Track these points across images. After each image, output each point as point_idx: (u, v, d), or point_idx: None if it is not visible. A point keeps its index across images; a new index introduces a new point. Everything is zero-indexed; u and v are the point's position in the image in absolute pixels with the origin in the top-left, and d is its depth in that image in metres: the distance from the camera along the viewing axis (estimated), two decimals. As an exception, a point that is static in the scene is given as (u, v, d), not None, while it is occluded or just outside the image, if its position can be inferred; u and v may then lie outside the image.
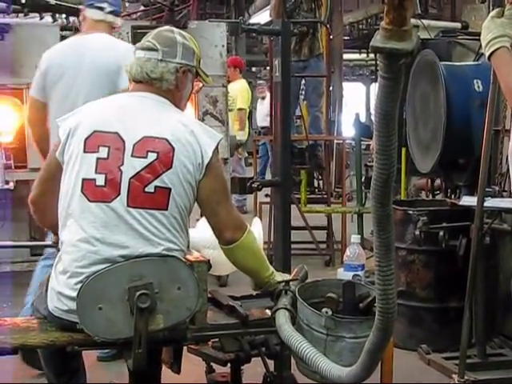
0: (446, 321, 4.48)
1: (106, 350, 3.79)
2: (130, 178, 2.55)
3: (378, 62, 1.64)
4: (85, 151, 2.60)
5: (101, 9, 4.06)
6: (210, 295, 2.96)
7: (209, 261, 2.78)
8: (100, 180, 2.56)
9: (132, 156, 2.57)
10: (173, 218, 2.59)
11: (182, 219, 2.64)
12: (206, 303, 2.73)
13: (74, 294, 2.52)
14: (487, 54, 2.65)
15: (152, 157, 2.57)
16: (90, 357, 2.86)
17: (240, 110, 8.87)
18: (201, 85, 3.02)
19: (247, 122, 9.69)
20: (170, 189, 2.57)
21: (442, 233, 4.34)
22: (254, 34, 14.97)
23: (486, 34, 2.59)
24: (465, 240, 4.19)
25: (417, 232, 4.41)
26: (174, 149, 2.59)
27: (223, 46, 5.99)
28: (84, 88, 3.86)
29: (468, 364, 3.95)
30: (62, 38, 6.45)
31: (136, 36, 5.40)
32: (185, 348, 3.04)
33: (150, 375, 2.81)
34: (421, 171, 5.59)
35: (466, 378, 3.71)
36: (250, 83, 10.36)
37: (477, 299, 4.06)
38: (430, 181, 6.71)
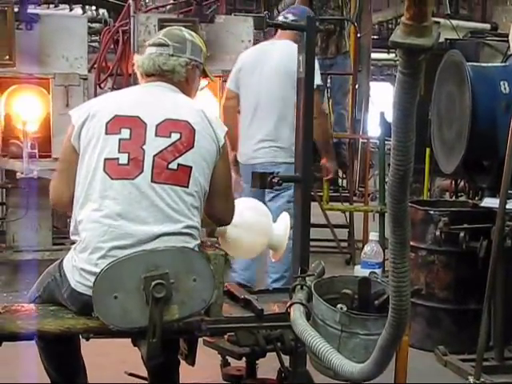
0: (464, 322, 4.45)
1: None
2: (155, 156, 2.67)
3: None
4: (106, 133, 2.69)
5: (285, 18, 4.67)
6: (226, 288, 2.98)
7: (226, 254, 2.81)
8: (123, 159, 2.66)
9: (156, 136, 2.69)
10: (192, 196, 2.69)
11: (200, 198, 2.73)
12: (221, 296, 2.75)
13: (97, 269, 2.56)
14: None
15: (175, 137, 2.70)
16: (108, 343, 2.88)
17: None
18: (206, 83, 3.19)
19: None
20: (191, 167, 2.69)
21: (462, 234, 4.31)
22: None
23: None
24: (485, 242, 4.16)
25: (437, 232, 4.39)
26: (195, 130, 2.73)
27: (250, 41, 5.99)
28: (266, 85, 4.61)
29: (485, 367, 3.92)
30: (90, 29, 6.51)
31: (162, 28, 5.41)
32: (201, 341, 3.06)
33: (167, 366, 2.82)
34: (444, 172, 5.55)
35: (482, 380, 3.69)
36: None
37: (496, 302, 4.03)
38: (453, 182, 6.67)
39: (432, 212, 4.50)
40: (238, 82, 4.73)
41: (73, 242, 2.75)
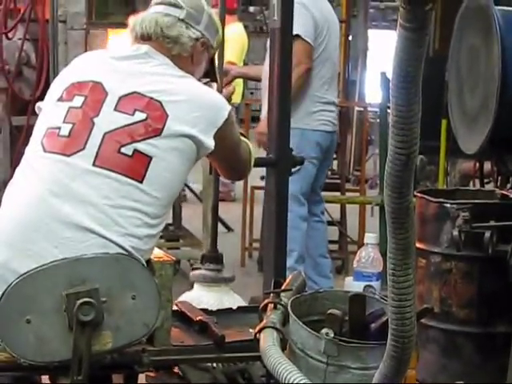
0: (491, 350, 4.50)
1: None
2: (106, 133, 2.69)
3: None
4: (58, 100, 2.81)
5: None
6: (176, 307, 3.00)
7: (175, 262, 2.83)
8: (65, 129, 2.72)
9: (115, 110, 2.73)
10: (146, 196, 2.69)
11: (160, 202, 2.73)
12: (169, 318, 2.77)
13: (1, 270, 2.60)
14: None
15: (140, 117, 2.73)
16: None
17: (229, 63, 8.84)
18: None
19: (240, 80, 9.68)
20: (151, 157, 2.70)
21: (488, 234, 4.35)
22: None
23: None
24: (519, 245, 4.21)
25: (455, 232, 4.42)
26: (167, 116, 2.74)
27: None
28: (336, 50, 5.84)
29: (518, 408, 3.98)
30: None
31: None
32: (142, 377, 3.08)
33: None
34: (465, 151, 5.60)
35: (512, 427, 3.75)
36: (246, 27, 10.34)
37: (532, 323, 4.09)
38: (477, 165, 6.73)
39: (448, 205, 4.53)
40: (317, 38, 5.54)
41: None
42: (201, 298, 3.28)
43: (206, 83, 3.05)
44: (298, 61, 5.15)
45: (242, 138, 3.09)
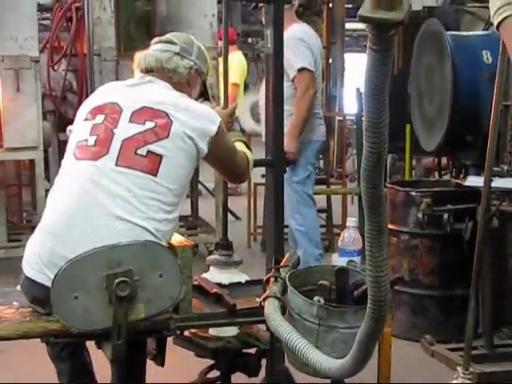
0: (451, 310, 4.50)
1: None
2: (124, 140, 2.73)
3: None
4: (84, 120, 2.85)
5: None
6: (195, 282, 3.00)
7: (194, 246, 2.82)
8: (91, 140, 2.76)
9: (130, 122, 2.76)
10: (161, 187, 2.70)
11: (172, 192, 2.74)
12: (190, 291, 2.76)
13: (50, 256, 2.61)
14: (495, 23, 2.62)
15: (149, 125, 2.75)
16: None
17: (232, 84, 8.83)
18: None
19: (242, 97, 9.66)
20: (161, 156, 2.72)
21: (446, 215, 4.35)
22: (249, 3, 14.92)
23: (495, 1, 2.56)
24: (471, 223, 4.20)
25: (420, 215, 4.42)
26: (172, 122, 2.76)
27: (213, 15, 5.98)
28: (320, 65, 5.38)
29: (474, 356, 3.96)
30: (40, 6, 6.45)
31: (118, 5, 5.44)
32: (170, 340, 3.07)
33: (133, 367, 2.83)
34: (425, 149, 5.59)
35: (471, 370, 3.73)
36: (245, 55, 10.33)
37: (484, 286, 4.07)
38: (436, 160, 6.72)
39: (413, 193, 4.53)
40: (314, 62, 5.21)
41: None
42: (215, 277, 3.26)
43: (201, 102, 3.06)
44: (307, 87, 5.03)
45: (241, 149, 3.08)
